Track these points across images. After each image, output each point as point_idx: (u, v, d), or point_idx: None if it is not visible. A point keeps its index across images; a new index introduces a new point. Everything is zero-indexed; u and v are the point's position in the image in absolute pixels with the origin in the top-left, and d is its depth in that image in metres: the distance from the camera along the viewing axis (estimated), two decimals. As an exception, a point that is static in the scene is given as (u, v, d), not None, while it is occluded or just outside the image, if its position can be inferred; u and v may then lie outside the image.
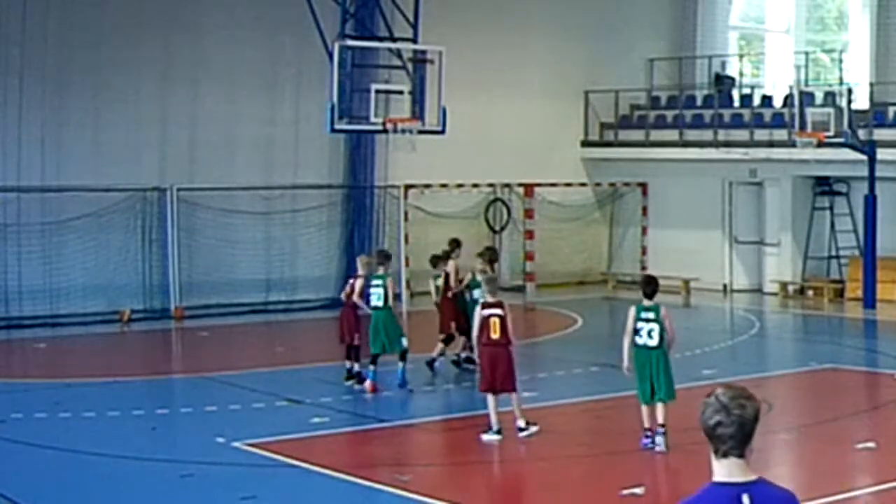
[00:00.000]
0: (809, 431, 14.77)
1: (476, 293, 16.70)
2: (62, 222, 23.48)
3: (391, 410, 15.67)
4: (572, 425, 15.13)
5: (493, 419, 13.61)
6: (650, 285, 13.32)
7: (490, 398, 13.65)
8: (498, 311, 13.59)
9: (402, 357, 16.71)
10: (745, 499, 4.59)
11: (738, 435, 4.56)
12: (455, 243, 18.70)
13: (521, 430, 13.65)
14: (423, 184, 27.39)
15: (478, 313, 13.84)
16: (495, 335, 13.53)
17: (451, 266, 18.24)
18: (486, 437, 13.58)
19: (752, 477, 4.64)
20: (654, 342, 13.03)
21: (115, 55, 24.06)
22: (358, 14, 22.04)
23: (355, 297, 16.85)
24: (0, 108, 22.88)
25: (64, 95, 23.53)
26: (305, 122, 25.63)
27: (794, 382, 18.50)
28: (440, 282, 18.27)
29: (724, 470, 4.63)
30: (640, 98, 31.10)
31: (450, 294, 18.15)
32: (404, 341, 16.70)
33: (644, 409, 13.17)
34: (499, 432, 13.59)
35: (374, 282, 16.68)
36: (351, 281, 17.35)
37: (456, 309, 18.05)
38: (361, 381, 16.72)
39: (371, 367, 16.54)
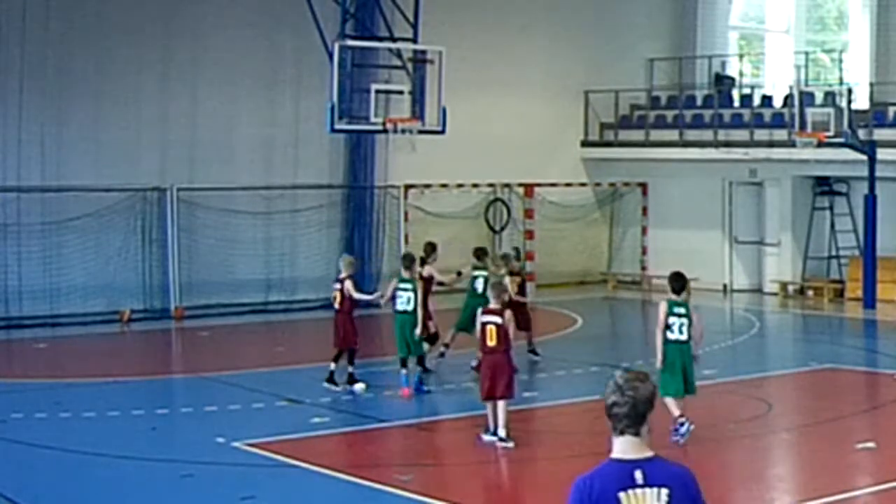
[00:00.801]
0: (809, 431, 14.77)
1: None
2: (62, 222, 23.46)
3: (391, 410, 15.67)
4: (572, 425, 15.10)
5: (491, 422, 13.56)
6: (679, 281, 13.61)
7: (489, 404, 13.63)
8: (495, 318, 13.52)
9: (419, 362, 16.74)
10: (638, 474, 4.83)
11: (631, 414, 4.86)
12: (430, 247, 18.39)
13: (502, 440, 13.43)
14: (423, 184, 27.36)
15: (478, 319, 13.86)
16: (492, 342, 13.50)
17: (427, 270, 17.75)
18: (486, 437, 13.57)
19: (648, 454, 4.88)
20: (685, 337, 13.37)
21: (115, 55, 24.06)
22: (358, 14, 22.03)
23: (355, 295, 16.72)
24: (0, 108, 22.89)
25: (64, 95, 23.52)
26: (305, 122, 25.60)
27: (794, 382, 18.51)
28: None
29: (620, 447, 4.92)
30: (640, 98, 31.09)
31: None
32: (424, 346, 16.76)
33: (671, 400, 13.20)
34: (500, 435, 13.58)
35: (403, 285, 16.48)
36: (338, 285, 16.81)
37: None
38: (353, 382, 16.69)
39: (403, 372, 16.43)
